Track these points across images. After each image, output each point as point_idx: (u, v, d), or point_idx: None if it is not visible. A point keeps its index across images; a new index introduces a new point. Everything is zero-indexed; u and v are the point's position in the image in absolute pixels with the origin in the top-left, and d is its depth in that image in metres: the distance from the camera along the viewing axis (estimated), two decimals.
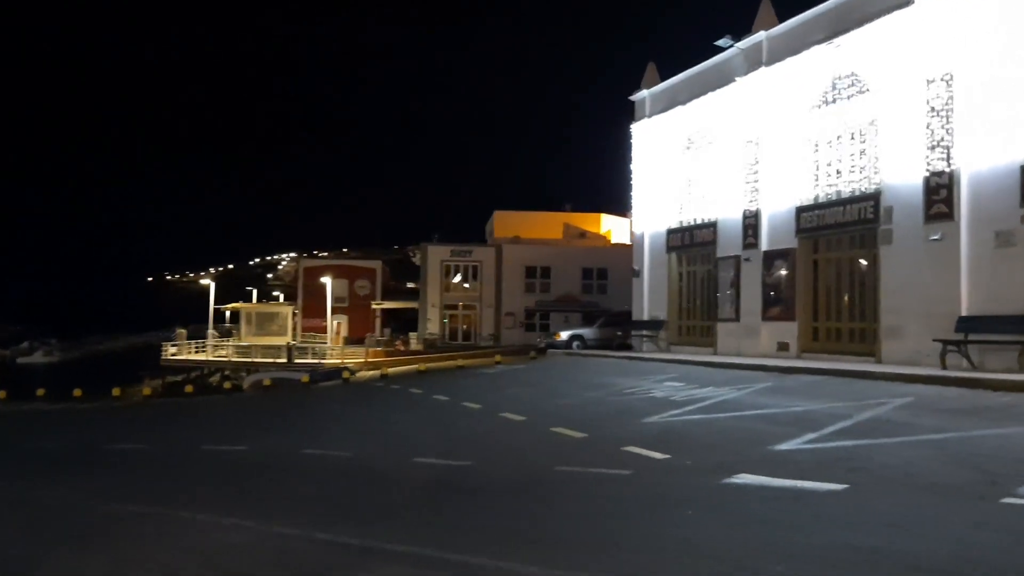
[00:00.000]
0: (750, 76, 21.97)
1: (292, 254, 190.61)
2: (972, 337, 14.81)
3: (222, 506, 7.57)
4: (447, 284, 49.86)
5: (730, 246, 22.82)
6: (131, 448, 13.56)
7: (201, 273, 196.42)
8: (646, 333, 26.60)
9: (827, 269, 20.14)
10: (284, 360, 43.16)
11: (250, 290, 71.87)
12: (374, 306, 59.99)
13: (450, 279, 49.96)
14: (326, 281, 52.54)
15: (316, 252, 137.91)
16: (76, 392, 26.70)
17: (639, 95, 27.86)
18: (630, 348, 27.64)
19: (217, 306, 56.77)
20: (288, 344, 47.31)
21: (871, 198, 18.11)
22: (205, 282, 60.86)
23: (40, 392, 27.50)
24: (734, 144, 22.69)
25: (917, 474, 6.92)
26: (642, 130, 27.71)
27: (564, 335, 31.71)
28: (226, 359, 47.36)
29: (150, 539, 6.29)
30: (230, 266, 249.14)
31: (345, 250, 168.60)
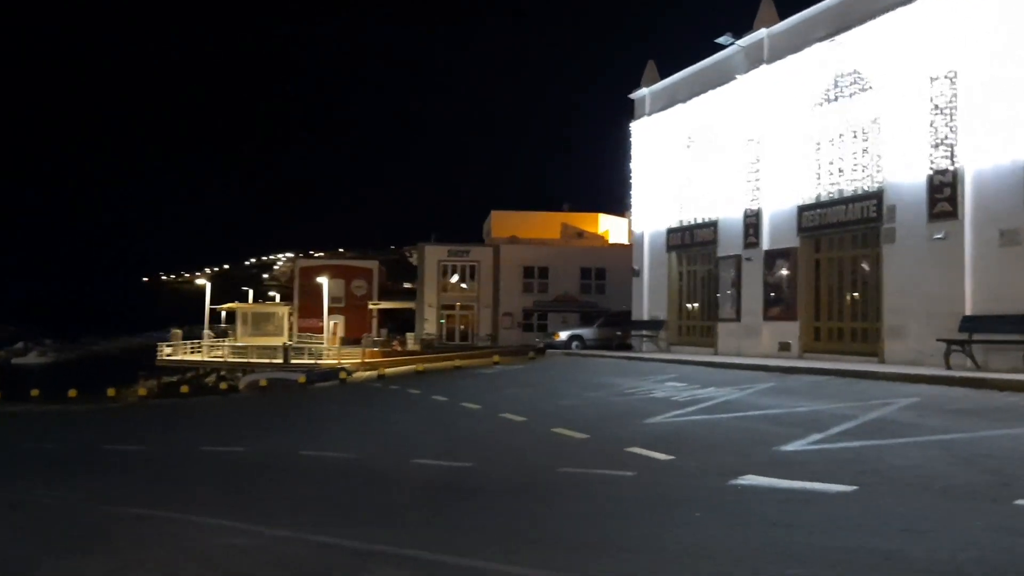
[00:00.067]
0: (751, 74, 21.88)
1: (288, 254, 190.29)
2: (976, 337, 14.72)
3: (221, 508, 7.54)
4: (444, 284, 49.75)
5: (731, 245, 22.73)
6: (129, 449, 13.54)
7: (197, 273, 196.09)
8: (646, 333, 26.50)
9: (829, 268, 20.05)
10: (280, 360, 43.10)
11: (246, 290, 71.61)
12: (371, 306, 59.88)
13: (447, 279, 49.85)
14: (322, 281, 52.44)
15: (312, 252, 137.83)
16: (71, 393, 26.53)
17: (639, 93, 27.77)
18: (630, 348, 27.56)
19: (213, 306, 56.65)
20: (284, 344, 47.23)
21: (874, 197, 18.02)
22: (201, 282, 60.71)
23: (35, 393, 27.28)
24: (735, 142, 22.59)
25: (927, 476, 6.83)
26: (642, 128, 27.62)
27: (563, 335, 31.61)
28: (222, 359, 47.30)
29: (150, 541, 6.26)
30: (226, 266, 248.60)
31: (341, 250, 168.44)
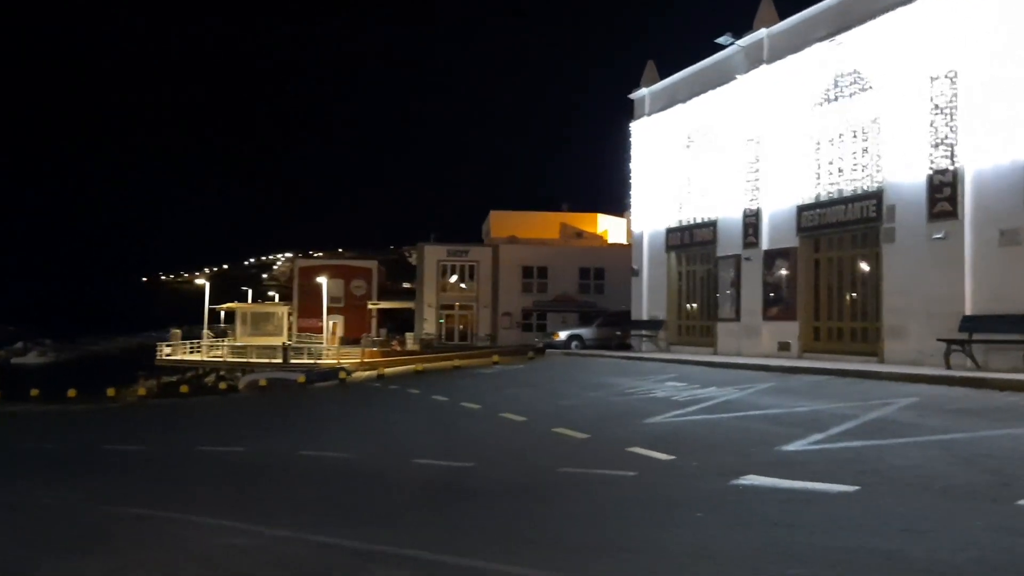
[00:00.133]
0: (751, 74, 21.86)
1: (288, 254, 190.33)
2: (976, 336, 14.70)
3: (222, 508, 7.51)
4: (444, 284, 49.71)
5: (730, 245, 22.71)
6: (128, 449, 13.51)
7: (196, 273, 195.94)
8: (645, 333, 26.48)
9: (829, 268, 20.03)
10: (280, 360, 43.06)
11: (245, 290, 71.57)
12: (370, 306, 59.84)
13: (447, 279, 49.81)
14: (322, 281, 52.38)
15: (312, 252, 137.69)
16: (70, 393, 26.47)
17: (638, 93, 27.74)
18: (629, 348, 27.54)
19: (212, 306, 56.59)
20: (284, 344, 47.19)
21: (873, 196, 18.00)
22: (200, 282, 60.68)
23: (34, 392, 27.23)
24: (735, 142, 22.57)
25: (928, 476, 6.81)
26: (641, 128, 27.60)
27: (562, 335, 31.59)
28: (221, 359, 47.23)
29: (150, 541, 6.23)
30: (225, 266, 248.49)
31: (341, 250, 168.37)
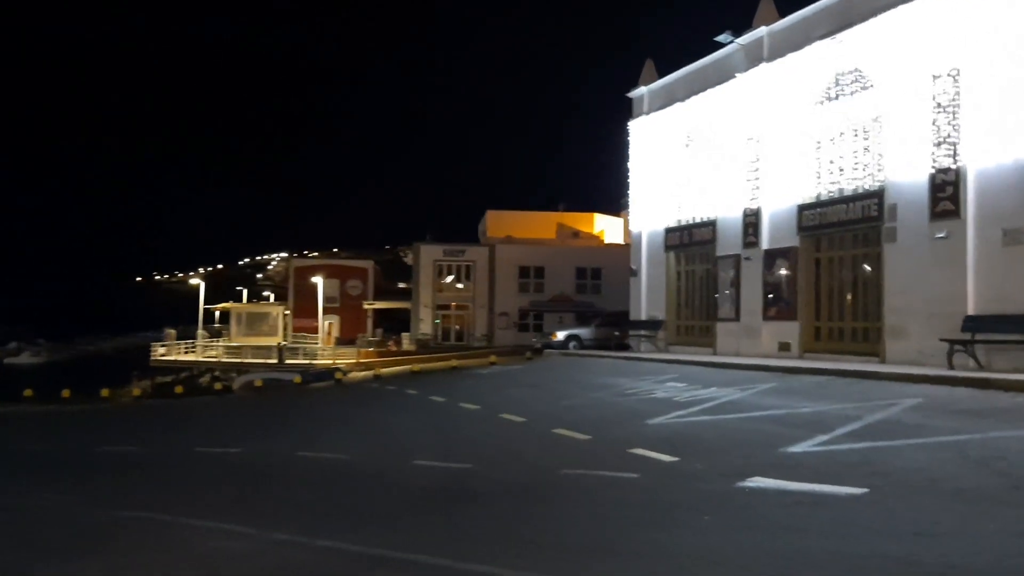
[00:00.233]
0: (751, 72, 21.74)
1: (283, 254, 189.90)
2: (979, 337, 14.60)
3: (219, 511, 7.41)
4: (440, 284, 49.57)
5: (730, 245, 22.60)
6: (124, 451, 13.40)
7: (190, 273, 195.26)
8: (644, 333, 26.36)
9: (830, 268, 19.92)
10: (275, 361, 42.95)
11: (240, 290, 71.39)
12: (366, 306, 59.63)
13: (443, 279, 49.67)
14: (317, 281, 52.20)
15: (307, 252, 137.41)
16: (65, 393, 26.28)
17: (637, 92, 27.63)
18: (628, 348, 27.42)
19: (207, 306, 56.36)
20: (279, 344, 47.05)
21: (875, 195, 17.90)
22: (195, 282, 60.44)
23: (28, 393, 27.01)
24: (734, 141, 22.46)
25: (939, 478, 6.72)
26: (640, 127, 27.49)
27: (561, 335, 31.44)
28: (216, 360, 47.03)
29: (147, 546, 6.14)
30: (220, 266, 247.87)
31: (336, 250, 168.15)
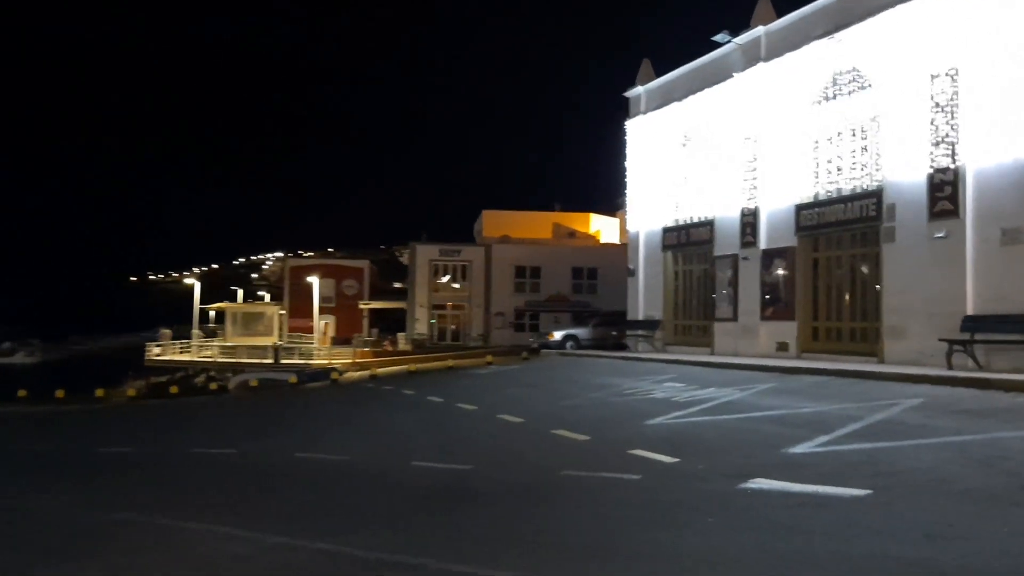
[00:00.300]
0: (748, 72, 21.72)
1: (278, 254, 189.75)
2: (978, 337, 14.58)
3: (218, 513, 7.31)
4: (436, 284, 49.49)
5: (728, 245, 22.56)
6: (120, 452, 13.30)
7: (185, 273, 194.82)
8: (641, 333, 26.32)
9: (828, 268, 19.90)
10: (270, 360, 42.79)
11: (235, 290, 71.14)
12: (361, 306, 59.50)
13: (439, 279, 49.58)
14: (313, 281, 52.06)
15: (302, 252, 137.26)
16: (59, 393, 26.12)
17: (634, 92, 27.60)
18: (625, 348, 27.38)
19: (202, 306, 56.15)
20: (274, 344, 46.87)
21: (873, 195, 17.88)
22: (189, 282, 60.15)
23: (22, 393, 26.83)
24: (732, 141, 22.42)
25: (944, 479, 6.67)
26: (637, 127, 27.45)
27: (558, 335, 31.41)
28: (211, 360, 46.81)
29: (145, 549, 6.05)
30: (215, 266, 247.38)
31: (331, 250, 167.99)
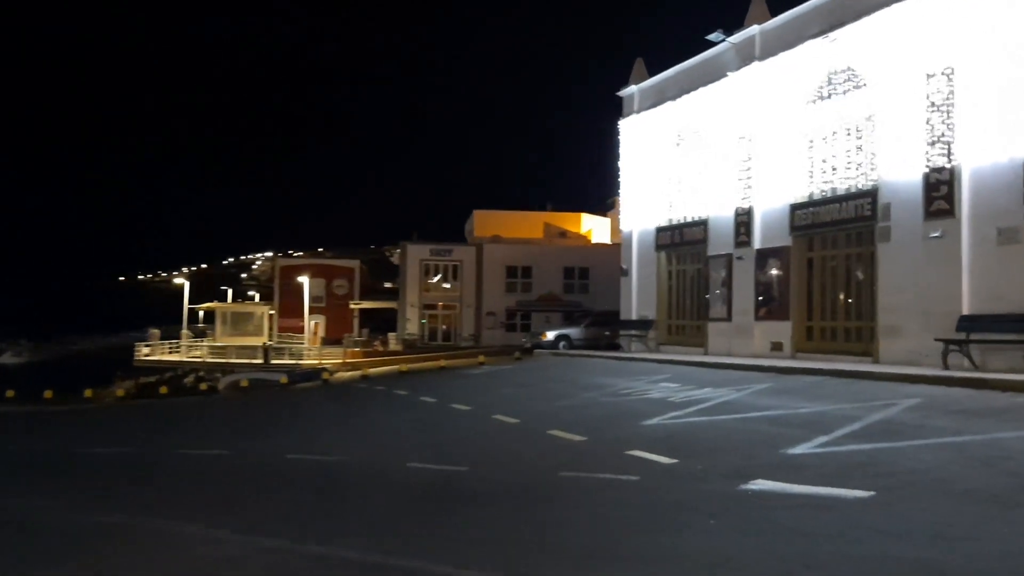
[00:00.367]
0: (743, 71, 21.65)
1: (268, 253, 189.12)
2: (974, 336, 14.56)
3: (208, 515, 7.18)
4: (427, 284, 49.31)
5: (722, 244, 22.50)
6: (108, 453, 13.16)
7: (174, 273, 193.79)
8: (635, 333, 26.25)
9: (822, 267, 19.85)
10: (260, 361, 42.58)
11: (225, 290, 70.75)
12: (352, 306, 59.34)
13: (430, 279, 49.41)
14: (303, 280, 51.84)
15: (292, 252, 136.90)
16: (47, 394, 25.89)
17: (627, 91, 27.53)
18: (618, 348, 27.31)
19: (191, 306, 55.82)
20: (264, 344, 46.65)
21: (868, 195, 17.84)
22: (179, 281, 59.81)
23: (10, 394, 26.60)
24: (726, 140, 22.36)
25: (946, 479, 6.63)
26: (630, 126, 27.38)
27: (550, 335, 31.29)
28: (201, 360, 46.56)
29: (134, 552, 5.93)
30: (204, 266, 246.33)
31: (321, 250, 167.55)
